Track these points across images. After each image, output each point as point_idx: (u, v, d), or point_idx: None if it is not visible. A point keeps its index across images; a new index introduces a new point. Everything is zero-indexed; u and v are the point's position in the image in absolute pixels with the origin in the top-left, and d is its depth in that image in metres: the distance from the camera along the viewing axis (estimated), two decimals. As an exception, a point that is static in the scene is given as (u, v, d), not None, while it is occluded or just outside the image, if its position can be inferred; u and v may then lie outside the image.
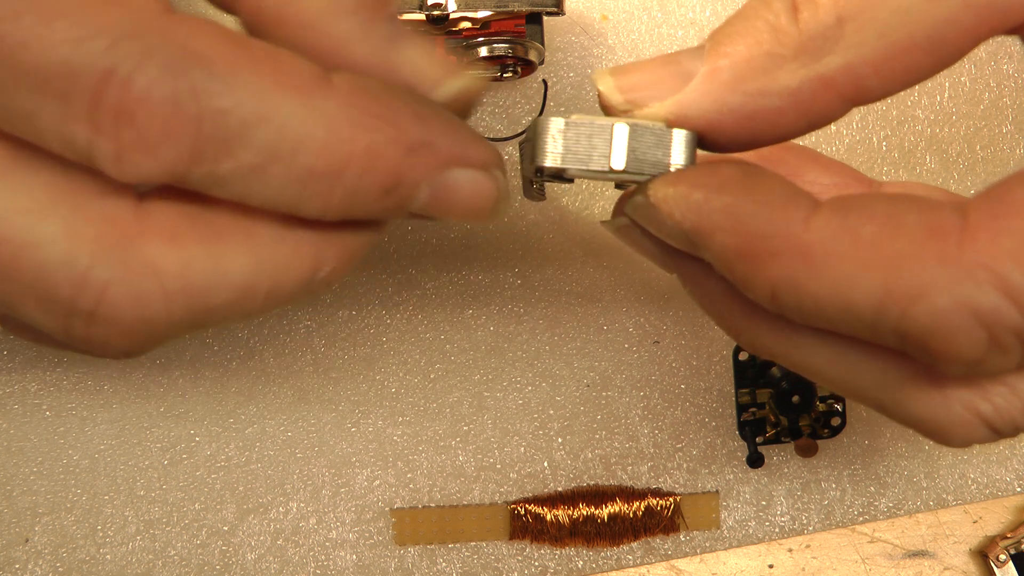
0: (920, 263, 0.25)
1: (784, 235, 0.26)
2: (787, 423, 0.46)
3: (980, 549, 0.46)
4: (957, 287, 0.24)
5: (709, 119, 0.29)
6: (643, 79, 0.29)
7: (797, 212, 0.26)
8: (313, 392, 0.46)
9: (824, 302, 0.26)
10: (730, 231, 0.27)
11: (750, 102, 0.28)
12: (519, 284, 0.46)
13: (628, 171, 0.29)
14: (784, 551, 0.47)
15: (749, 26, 0.28)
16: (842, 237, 0.26)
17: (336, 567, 0.46)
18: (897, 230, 0.25)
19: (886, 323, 0.25)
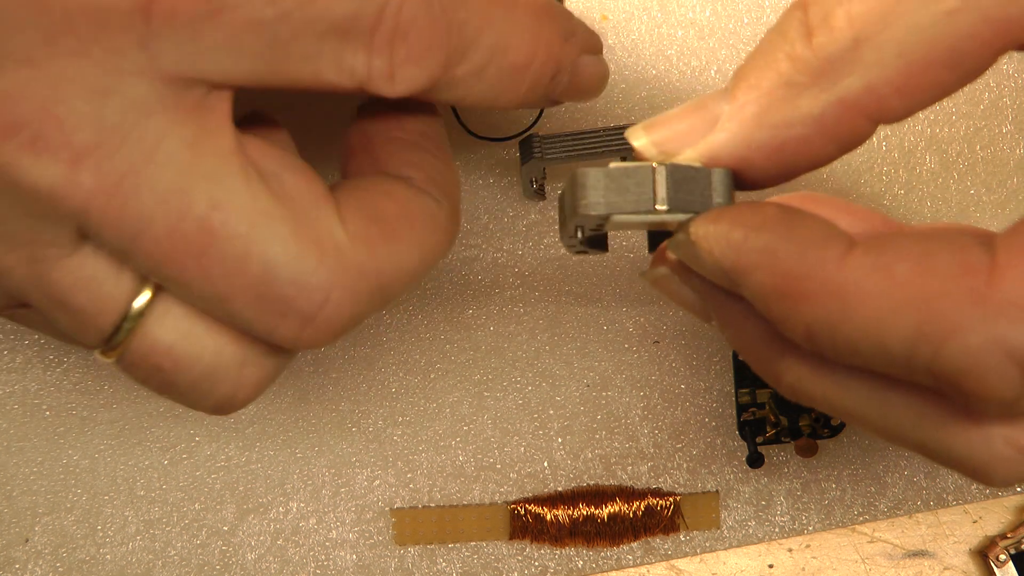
0: (951, 302, 0.25)
1: (819, 275, 0.26)
2: (787, 423, 0.46)
3: (980, 549, 0.46)
4: (989, 326, 0.24)
5: (739, 157, 0.29)
6: (674, 130, 0.30)
7: (833, 252, 0.26)
8: (313, 392, 0.46)
9: (859, 342, 0.26)
10: (767, 270, 0.27)
11: (777, 134, 0.28)
12: (519, 284, 0.46)
13: (672, 210, 0.29)
14: (784, 551, 0.47)
15: (767, 58, 0.29)
16: (875, 277, 0.26)
17: (336, 567, 0.46)
18: (929, 269, 0.25)
19: (919, 363, 0.25)
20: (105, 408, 0.45)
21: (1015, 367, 0.24)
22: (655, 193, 0.29)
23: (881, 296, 0.25)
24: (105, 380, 0.45)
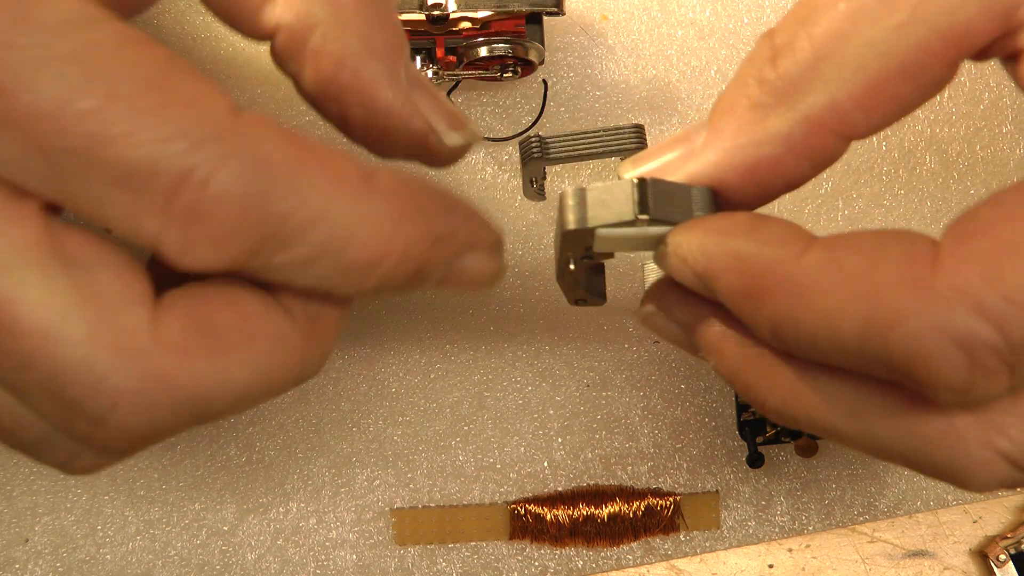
0: (897, 291, 0.25)
1: (778, 271, 0.27)
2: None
3: (980, 549, 0.46)
4: (931, 311, 0.25)
5: (717, 180, 0.30)
6: (659, 162, 0.31)
7: (791, 250, 0.28)
8: (313, 392, 0.46)
9: (816, 334, 0.27)
10: (735, 272, 0.28)
11: (748, 154, 0.30)
12: (519, 284, 0.46)
13: (653, 221, 0.30)
14: (784, 551, 0.47)
15: (739, 85, 0.30)
16: (828, 270, 0.27)
17: (336, 567, 0.46)
18: (877, 261, 0.26)
19: (871, 353, 0.26)
20: (105, 408, 0.45)
21: (960, 351, 0.25)
22: (636, 205, 0.30)
23: (833, 288, 0.26)
24: (105, 380, 0.45)
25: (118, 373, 0.26)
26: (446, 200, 0.30)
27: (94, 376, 0.26)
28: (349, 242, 0.27)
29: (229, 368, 0.28)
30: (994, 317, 0.25)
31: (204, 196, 0.25)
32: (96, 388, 0.26)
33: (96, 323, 0.26)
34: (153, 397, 0.27)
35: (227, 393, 0.28)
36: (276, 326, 0.29)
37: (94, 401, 0.26)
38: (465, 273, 0.31)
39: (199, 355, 0.27)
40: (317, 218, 0.27)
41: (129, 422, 0.27)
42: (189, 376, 0.27)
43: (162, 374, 0.27)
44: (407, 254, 0.28)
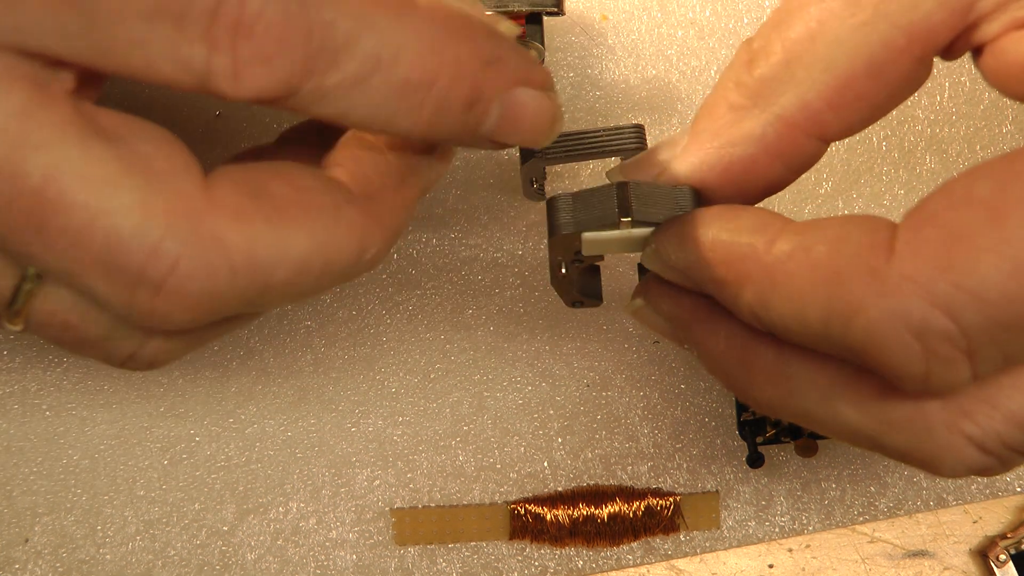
0: (855, 280, 0.26)
1: (753, 257, 0.28)
2: (787, 423, 0.46)
3: (980, 549, 0.46)
4: (886, 301, 0.26)
5: (695, 179, 0.31)
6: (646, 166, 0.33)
7: (765, 236, 0.28)
8: (313, 392, 0.46)
9: (787, 317, 0.28)
10: (714, 262, 0.29)
11: (724, 154, 0.31)
12: (519, 284, 0.46)
13: (636, 223, 0.31)
14: (784, 551, 0.47)
15: (719, 89, 0.31)
16: (797, 257, 0.28)
17: (336, 567, 0.46)
18: (840, 250, 0.27)
19: (835, 338, 0.27)
20: (105, 408, 0.45)
21: (915, 339, 0.25)
22: (619, 208, 0.31)
23: (800, 275, 0.27)
24: (105, 380, 0.45)
25: (174, 235, 0.26)
26: (491, 29, 0.30)
27: (150, 240, 0.26)
28: (399, 56, 0.27)
29: (286, 234, 0.27)
30: (945, 305, 0.25)
31: (244, 11, 0.25)
32: (154, 252, 0.26)
33: (146, 189, 0.26)
34: (211, 258, 0.27)
35: (286, 260, 0.27)
36: (332, 198, 0.29)
37: (153, 265, 0.26)
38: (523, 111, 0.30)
39: (255, 218, 0.27)
40: (362, 29, 0.26)
41: (188, 286, 0.27)
42: (246, 239, 0.27)
43: (218, 235, 0.27)
44: (460, 72, 0.28)
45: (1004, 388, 0.27)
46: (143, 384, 0.45)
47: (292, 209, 0.28)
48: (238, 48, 0.25)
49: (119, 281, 0.26)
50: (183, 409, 0.46)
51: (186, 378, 0.46)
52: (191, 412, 0.46)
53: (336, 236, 0.28)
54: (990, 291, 0.25)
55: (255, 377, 0.46)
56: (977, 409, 0.27)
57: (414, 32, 0.27)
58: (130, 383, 0.46)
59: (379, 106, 0.27)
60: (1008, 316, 0.25)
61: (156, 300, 0.27)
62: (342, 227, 0.28)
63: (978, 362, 0.26)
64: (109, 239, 0.26)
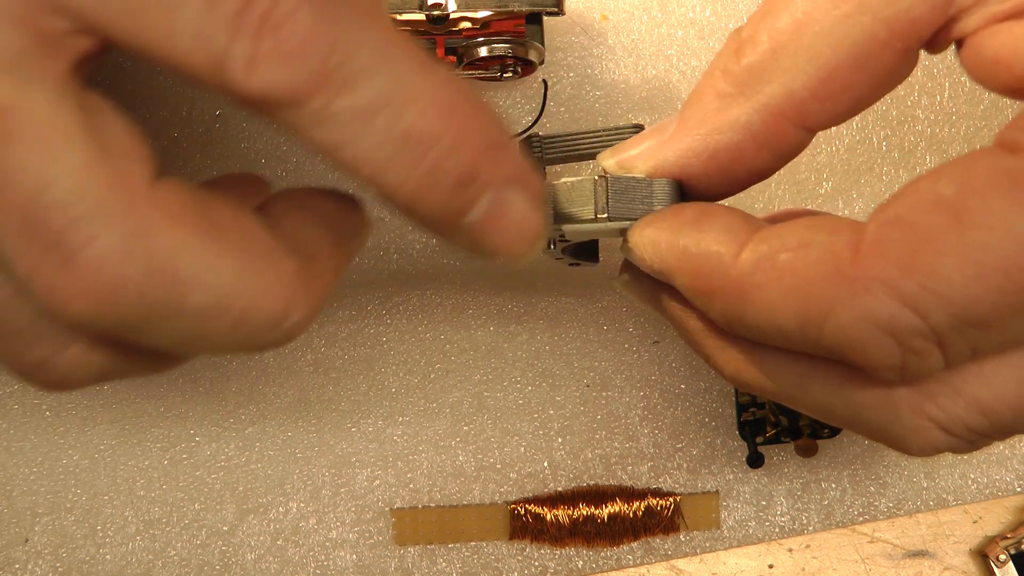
0: (825, 284, 0.27)
1: (720, 273, 0.29)
2: (787, 423, 0.46)
3: (980, 549, 0.46)
4: (858, 302, 0.26)
5: (681, 165, 0.32)
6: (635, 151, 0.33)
7: (730, 247, 0.29)
8: (313, 392, 0.46)
9: (762, 328, 0.28)
10: (684, 271, 0.30)
11: (710, 141, 0.31)
12: (519, 284, 0.46)
13: (612, 217, 0.32)
14: (784, 551, 0.47)
15: (707, 77, 0.32)
16: (763, 269, 0.28)
17: (336, 567, 0.46)
18: (804, 257, 0.27)
19: (811, 341, 0.27)
20: (105, 408, 0.45)
21: (888, 337, 0.26)
22: (596, 204, 0.32)
23: (769, 286, 0.28)
24: (105, 380, 0.45)
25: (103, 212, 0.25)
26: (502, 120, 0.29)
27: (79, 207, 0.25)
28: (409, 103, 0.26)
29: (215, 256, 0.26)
30: (914, 304, 0.26)
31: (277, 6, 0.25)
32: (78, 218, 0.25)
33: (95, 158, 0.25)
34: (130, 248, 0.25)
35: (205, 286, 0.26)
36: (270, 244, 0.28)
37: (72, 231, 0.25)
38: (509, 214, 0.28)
39: (189, 229, 0.26)
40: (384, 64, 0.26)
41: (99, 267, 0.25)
42: (173, 244, 0.26)
43: (145, 229, 0.25)
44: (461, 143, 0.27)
45: (968, 376, 0.28)
46: (143, 384, 0.46)
47: (229, 236, 0.27)
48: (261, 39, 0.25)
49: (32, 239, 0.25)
50: (183, 409, 0.46)
51: (186, 378, 0.46)
52: (191, 412, 0.46)
53: (263, 283, 0.27)
54: (955, 293, 0.25)
55: (255, 377, 0.46)
56: (941, 393, 0.28)
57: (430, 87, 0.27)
58: (130, 383, 0.46)
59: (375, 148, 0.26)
60: (973, 315, 0.26)
61: (61, 273, 0.25)
62: (271, 276, 0.27)
63: (950, 352, 0.27)
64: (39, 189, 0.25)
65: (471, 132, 0.27)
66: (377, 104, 0.26)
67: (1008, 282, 0.25)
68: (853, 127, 0.47)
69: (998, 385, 0.28)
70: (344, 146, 0.26)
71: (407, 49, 0.27)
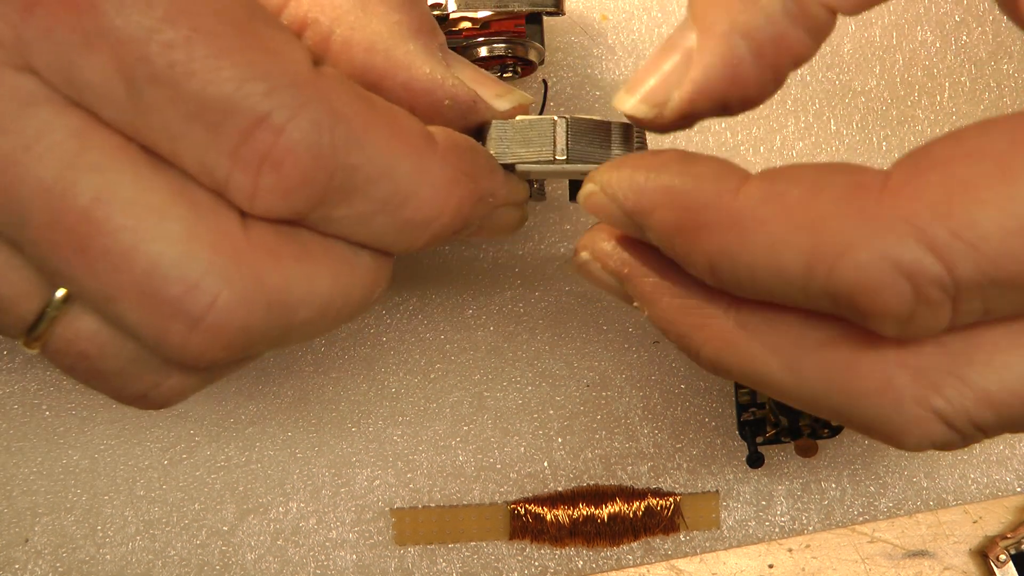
0: (843, 221, 0.25)
1: (717, 205, 0.27)
2: (787, 423, 0.46)
3: (980, 549, 0.46)
4: (879, 242, 0.25)
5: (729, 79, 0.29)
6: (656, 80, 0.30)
7: (729, 183, 0.27)
8: (313, 392, 0.46)
9: (757, 268, 0.26)
10: (668, 206, 0.28)
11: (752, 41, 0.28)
12: (519, 284, 0.46)
13: (571, 160, 0.32)
14: (784, 551, 0.47)
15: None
16: (770, 202, 0.26)
17: (336, 567, 0.46)
18: (822, 191, 0.26)
19: (816, 284, 0.26)
20: (105, 408, 0.45)
21: (905, 280, 0.25)
22: (555, 144, 0.32)
23: (775, 221, 0.26)
24: (105, 380, 0.45)
25: (217, 270, 0.26)
26: (490, 161, 0.31)
27: (194, 273, 0.26)
28: (409, 199, 0.28)
29: (314, 274, 0.28)
30: (941, 251, 0.24)
31: (279, 143, 0.26)
32: (196, 285, 0.26)
33: (192, 220, 0.26)
34: (249, 296, 0.27)
35: (313, 299, 0.28)
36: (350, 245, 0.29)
37: (193, 299, 0.26)
38: (496, 223, 0.32)
39: (288, 258, 0.28)
40: (383, 174, 0.27)
41: (226, 320, 0.27)
42: (280, 277, 0.27)
43: (257, 273, 0.27)
44: (458, 212, 0.29)
45: (976, 365, 0.26)
46: (143, 384, 0.46)
47: (318, 252, 0.28)
48: (262, 175, 0.26)
49: (155, 312, 0.26)
50: (183, 409, 0.46)
51: (186, 378, 0.46)
52: (191, 412, 0.46)
53: (354, 278, 0.29)
54: (989, 245, 0.24)
55: (255, 377, 0.46)
56: (948, 384, 0.26)
57: (428, 179, 0.28)
58: (130, 383, 0.46)
59: (379, 237, 0.29)
60: (1001, 272, 0.24)
61: (191, 335, 0.27)
62: (358, 270, 0.29)
63: (961, 311, 0.25)
64: (151, 267, 0.26)
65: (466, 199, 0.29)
66: (377, 209, 0.28)
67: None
68: (853, 127, 0.47)
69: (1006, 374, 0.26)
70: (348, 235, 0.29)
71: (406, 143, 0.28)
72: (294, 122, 0.26)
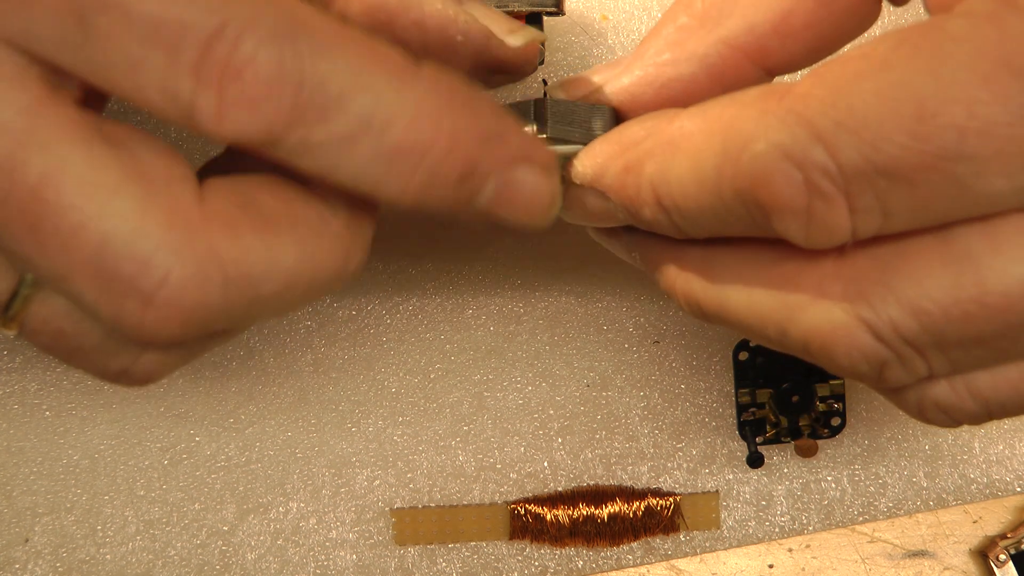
0: (747, 120, 0.26)
1: (655, 133, 0.29)
2: (787, 423, 0.46)
3: (980, 549, 0.46)
4: (773, 134, 0.25)
5: (632, 93, 0.32)
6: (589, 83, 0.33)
7: (667, 114, 0.29)
8: (313, 392, 0.46)
9: (686, 184, 0.27)
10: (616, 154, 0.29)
11: (664, 71, 0.31)
12: (519, 284, 0.46)
13: (552, 139, 0.32)
14: (784, 551, 0.47)
15: (668, 14, 0.32)
16: (695, 119, 0.28)
17: (336, 567, 0.46)
18: (735, 101, 0.27)
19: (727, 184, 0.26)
20: (105, 408, 0.45)
21: (796, 169, 0.25)
22: (536, 125, 0.32)
23: (697, 132, 0.27)
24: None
25: (169, 246, 0.26)
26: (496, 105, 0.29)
27: (145, 249, 0.26)
28: (393, 121, 0.26)
29: (277, 246, 0.27)
30: (825, 139, 0.25)
31: (236, 54, 0.25)
32: (147, 262, 0.26)
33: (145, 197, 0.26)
34: (204, 271, 0.26)
35: (276, 273, 0.27)
36: (318, 211, 0.28)
37: (145, 275, 0.26)
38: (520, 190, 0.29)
39: (247, 231, 0.27)
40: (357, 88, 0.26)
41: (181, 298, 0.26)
42: (239, 251, 0.27)
43: (212, 248, 0.26)
44: (455, 145, 0.27)
45: (898, 271, 0.26)
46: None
47: (282, 222, 0.28)
48: (225, 88, 0.25)
49: (109, 289, 0.26)
50: (183, 409, 0.46)
51: (186, 378, 0.46)
52: (191, 412, 0.46)
53: (322, 249, 0.28)
54: (868, 130, 0.25)
55: (255, 377, 0.46)
56: (873, 291, 0.27)
57: (412, 99, 0.27)
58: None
59: (366, 168, 0.27)
60: (883, 157, 0.25)
61: (146, 312, 0.26)
62: (327, 240, 0.28)
63: (857, 209, 0.25)
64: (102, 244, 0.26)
65: (464, 131, 0.27)
66: (358, 128, 0.26)
67: (921, 124, 0.24)
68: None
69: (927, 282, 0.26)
70: (333, 171, 0.27)
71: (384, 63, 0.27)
72: (251, 30, 0.25)
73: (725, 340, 0.46)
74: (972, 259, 0.26)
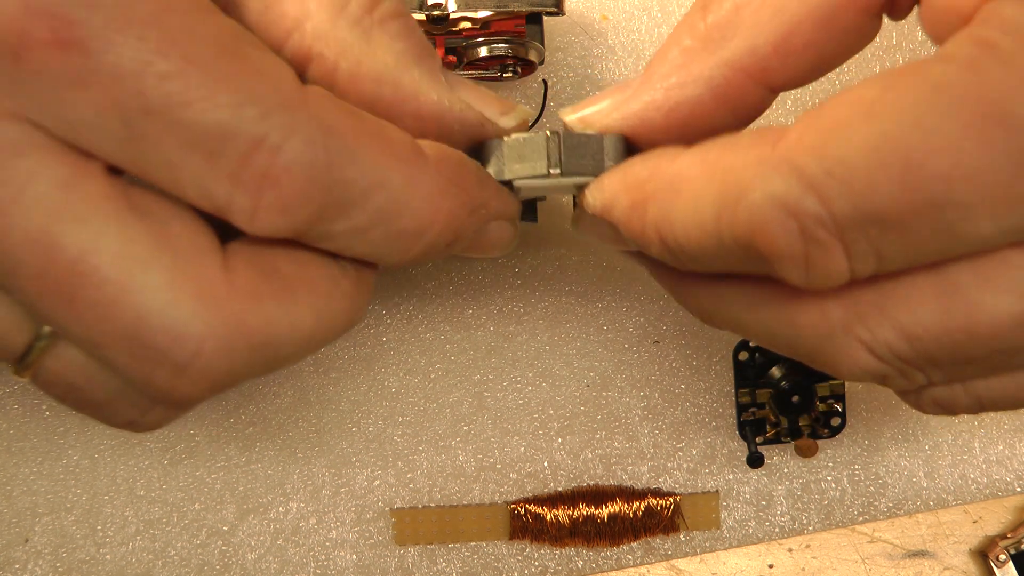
0: (742, 167, 0.27)
1: (657, 173, 0.30)
2: (787, 423, 0.46)
3: (980, 549, 0.46)
4: (767, 184, 0.26)
5: (642, 118, 0.32)
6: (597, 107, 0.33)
7: (668, 153, 0.30)
8: (313, 392, 0.46)
9: (688, 227, 0.28)
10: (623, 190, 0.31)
11: (672, 95, 0.32)
12: (519, 284, 0.46)
13: (566, 173, 0.32)
14: (784, 551, 0.47)
15: (673, 36, 0.32)
16: (695, 162, 0.29)
17: (336, 567, 0.46)
18: (732, 146, 0.28)
19: (726, 231, 0.27)
20: (105, 408, 0.45)
21: (791, 219, 0.26)
22: (549, 159, 0.32)
23: (697, 176, 0.28)
24: (105, 380, 0.45)
25: (200, 319, 0.27)
26: (480, 173, 0.32)
27: (178, 323, 0.27)
28: (402, 210, 0.29)
29: (296, 312, 0.29)
30: (818, 189, 0.26)
31: (276, 162, 0.26)
32: (181, 335, 0.27)
33: (175, 270, 0.27)
34: (232, 342, 0.27)
35: (296, 336, 0.29)
36: (331, 272, 0.30)
37: (178, 348, 0.27)
38: (488, 239, 0.33)
39: (269, 300, 0.28)
40: (376, 186, 0.28)
41: (211, 367, 0.27)
42: (263, 320, 0.28)
43: (239, 319, 0.27)
44: (450, 223, 0.30)
45: (894, 299, 0.28)
46: (143, 384, 0.46)
47: (299, 288, 0.29)
48: (262, 194, 0.27)
49: (142, 358, 0.27)
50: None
51: (186, 378, 0.46)
52: (191, 412, 0.46)
53: (335, 308, 0.30)
54: (856, 180, 0.25)
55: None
56: (870, 315, 0.28)
57: (420, 189, 0.29)
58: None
59: (374, 249, 0.29)
60: (872, 206, 0.25)
61: (177, 380, 0.27)
62: (338, 299, 0.30)
63: (852, 252, 0.26)
64: (137, 317, 0.26)
65: (458, 208, 0.30)
66: (371, 222, 0.29)
67: (908, 174, 0.25)
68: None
69: (920, 311, 0.27)
70: (348, 250, 0.29)
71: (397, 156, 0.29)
72: (289, 142, 0.26)
73: (725, 340, 0.46)
74: (962, 292, 0.27)
